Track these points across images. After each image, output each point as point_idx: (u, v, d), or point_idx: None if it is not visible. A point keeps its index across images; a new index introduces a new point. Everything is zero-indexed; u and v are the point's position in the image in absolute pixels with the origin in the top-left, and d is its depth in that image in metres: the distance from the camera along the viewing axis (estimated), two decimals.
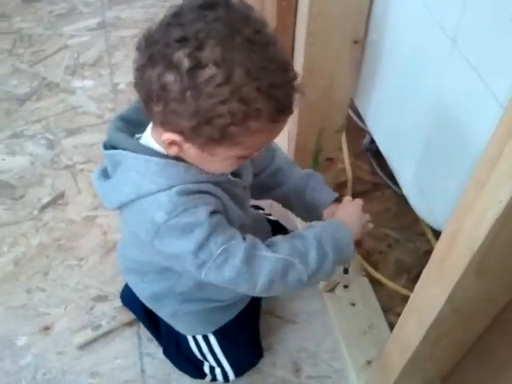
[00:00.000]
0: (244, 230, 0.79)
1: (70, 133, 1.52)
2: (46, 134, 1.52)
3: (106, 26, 1.87)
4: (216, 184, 0.76)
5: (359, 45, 0.97)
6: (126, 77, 1.67)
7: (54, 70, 1.71)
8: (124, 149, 0.73)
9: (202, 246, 0.71)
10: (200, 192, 0.73)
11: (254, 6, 0.67)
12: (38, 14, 1.90)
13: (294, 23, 1.13)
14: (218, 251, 0.72)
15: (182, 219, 0.70)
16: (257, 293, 0.77)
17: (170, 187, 0.70)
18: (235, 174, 0.82)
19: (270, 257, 0.75)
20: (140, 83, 0.66)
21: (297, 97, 0.68)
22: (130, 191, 0.72)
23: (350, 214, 0.86)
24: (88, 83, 1.67)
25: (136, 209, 0.73)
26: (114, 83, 1.66)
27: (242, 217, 0.83)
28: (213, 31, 0.61)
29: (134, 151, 0.73)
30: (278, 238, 0.80)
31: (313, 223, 0.85)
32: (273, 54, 0.64)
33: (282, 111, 0.66)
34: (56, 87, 1.66)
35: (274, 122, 0.67)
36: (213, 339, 0.99)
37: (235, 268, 0.73)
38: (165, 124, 0.67)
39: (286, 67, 0.66)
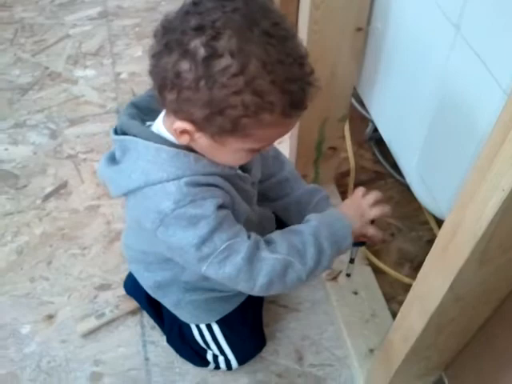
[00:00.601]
0: (250, 225, 0.79)
1: (73, 122, 1.52)
2: (49, 124, 1.52)
3: (108, 16, 1.87)
4: (225, 178, 0.75)
5: (362, 32, 0.96)
6: (127, 66, 1.67)
7: (56, 60, 1.71)
8: (135, 135, 0.73)
9: (205, 240, 0.71)
10: (209, 185, 0.73)
11: None
12: (40, 4, 1.90)
13: (297, 11, 1.13)
14: (222, 247, 0.72)
15: (188, 210, 0.70)
16: (255, 292, 0.77)
17: (180, 177, 0.70)
18: (244, 169, 0.82)
19: (270, 258, 0.75)
20: (155, 70, 0.66)
21: (312, 92, 0.67)
22: (138, 178, 0.71)
23: (353, 207, 0.85)
24: (90, 73, 1.66)
25: (142, 197, 0.72)
26: (116, 73, 1.66)
27: (249, 212, 0.83)
28: (230, 22, 0.61)
29: (145, 138, 0.72)
30: (276, 236, 0.79)
31: (310, 216, 0.83)
32: (290, 48, 0.64)
33: (296, 106, 0.66)
34: (58, 77, 1.65)
35: (287, 117, 0.66)
36: (216, 328, 0.99)
37: (236, 265, 0.73)
38: (177, 112, 0.67)
39: (302, 62, 0.65)
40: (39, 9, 1.88)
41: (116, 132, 0.76)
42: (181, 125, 0.67)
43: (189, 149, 0.73)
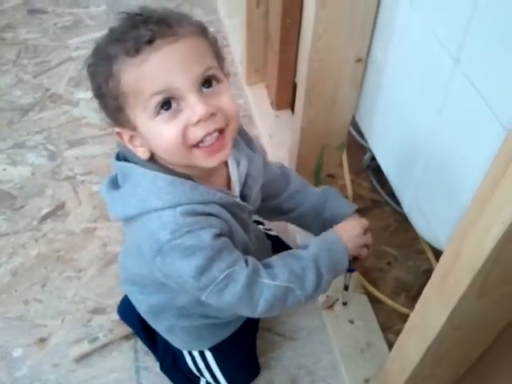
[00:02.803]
0: (248, 252, 0.80)
1: (72, 144, 1.52)
2: (48, 145, 1.52)
3: None
4: (223, 206, 0.75)
5: (362, 63, 0.98)
6: None
7: (57, 82, 1.72)
8: (134, 162, 0.74)
9: (203, 271, 0.71)
10: (206, 214, 0.72)
11: (259, 23, 0.68)
12: (44, 26, 1.92)
13: (298, 40, 1.14)
14: (221, 276, 0.71)
15: (185, 241, 0.69)
16: (256, 316, 0.78)
17: (176, 206, 0.70)
18: (244, 198, 0.82)
19: (270, 285, 0.75)
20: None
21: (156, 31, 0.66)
22: (136, 205, 0.72)
23: (348, 229, 0.86)
24: (91, 95, 1.67)
25: (141, 224, 0.72)
26: None
27: (246, 240, 0.83)
28: None
29: (142, 165, 0.73)
30: (276, 261, 0.80)
31: (309, 241, 0.84)
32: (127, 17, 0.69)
33: (136, 47, 0.65)
34: (59, 98, 1.66)
35: (132, 57, 0.65)
36: (209, 356, 0.98)
37: (236, 293, 0.73)
38: (111, 121, 0.73)
39: (132, 18, 0.68)
40: (43, 31, 1.90)
41: (118, 157, 0.76)
42: (116, 131, 0.72)
43: (186, 176, 0.73)
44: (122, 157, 0.76)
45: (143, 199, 0.71)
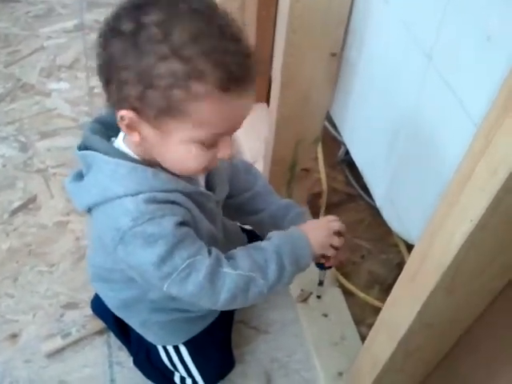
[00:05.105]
0: (213, 243, 0.79)
1: (44, 135, 1.50)
2: (19, 137, 1.49)
3: (84, 29, 1.85)
4: (187, 195, 0.75)
5: (336, 57, 0.98)
6: None
7: (29, 72, 1.68)
8: (96, 150, 0.73)
9: (164, 259, 0.70)
10: (169, 202, 0.72)
11: (235, 16, 0.68)
12: (15, 15, 1.88)
13: (274, 33, 1.14)
14: (183, 265, 0.71)
15: (146, 228, 0.69)
16: (218, 307, 0.77)
17: (137, 193, 0.70)
18: (209, 187, 0.82)
19: (232, 273, 0.75)
20: (99, 69, 0.68)
21: (254, 70, 0.66)
22: (97, 193, 0.71)
23: (316, 228, 0.86)
24: (64, 86, 1.65)
25: (102, 212, 0.72)
26: (90, 86, 1.64)
27: (213, 231, 0.83)
28: (160, 2, 0.64)
29: (105, 153, 0.72)
30: (238, 252, 0.79)
31: (272, 233, 0.84)
32: (219, 25, 0.64)
33: (233, 80, 0.64)
34: (31, 89, 1.63)
35: (226, 92, 0.64)
36: (184, 350, 0.98)
37: (198, 283, 0.72)
38: (119, 102, 0.67)
39: (235, 37, 0.65)
40: (14, 19, 1.86)
41: (80, 148, 0.75)
42: (123, 113, 0.67)
43: (149, 164, 0.72)
44: (83, 147, 0.75)
45: (105, 187, 0.71)
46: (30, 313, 1.14)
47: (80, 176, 0.76)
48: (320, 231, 0.86)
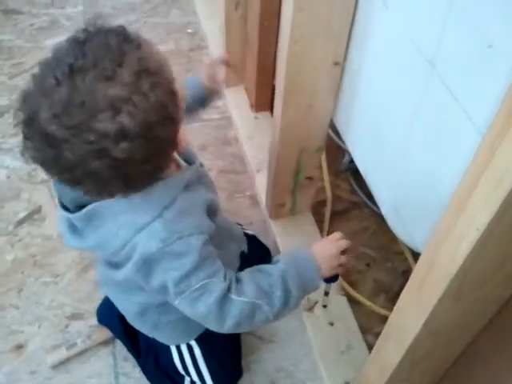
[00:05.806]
0: (217, 209, 0.82)
1: None
2: None
3: None
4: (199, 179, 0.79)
5: (339, 66, 0.98)
6: None
7: None
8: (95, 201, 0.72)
9: (184, 278, 0.72)
10: (188, 189, 0.75)
11: (237, 25, 0.67)
12: (19, 27, 1.89)
13: (276, 42, 1.14)
14: (197, 285, 0.72)
15: (175, 248, 0.71)
16: (224, 331, 0.78)
17: (161, 212, 0.71)
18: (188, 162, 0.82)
19: (238, 301, 0.75)
20: None
21: None
22: (127, 232, 0.71)
23: (324, 249, 0.85)
24: None
25: (131, 249, 0.72)
26: None
27: (215, 200, 0.85)
28: None
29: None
30: (244, 276, 0.80)
31: (279, 257, 0.85)
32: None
33: None
34: None
35: None
36: (197, 351, 0.98)
37: (207, 306, 0.74)
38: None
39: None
40: (18, 32, 1.87)
41: (67, 208, 0.76)
42: None
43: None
44: (74, 207, 0.75)
45: (131, 223, 0.71)
46: (35, 324, 1.14)
47: (76, 229, 0.76)
48: (328, 252, 0.85)
